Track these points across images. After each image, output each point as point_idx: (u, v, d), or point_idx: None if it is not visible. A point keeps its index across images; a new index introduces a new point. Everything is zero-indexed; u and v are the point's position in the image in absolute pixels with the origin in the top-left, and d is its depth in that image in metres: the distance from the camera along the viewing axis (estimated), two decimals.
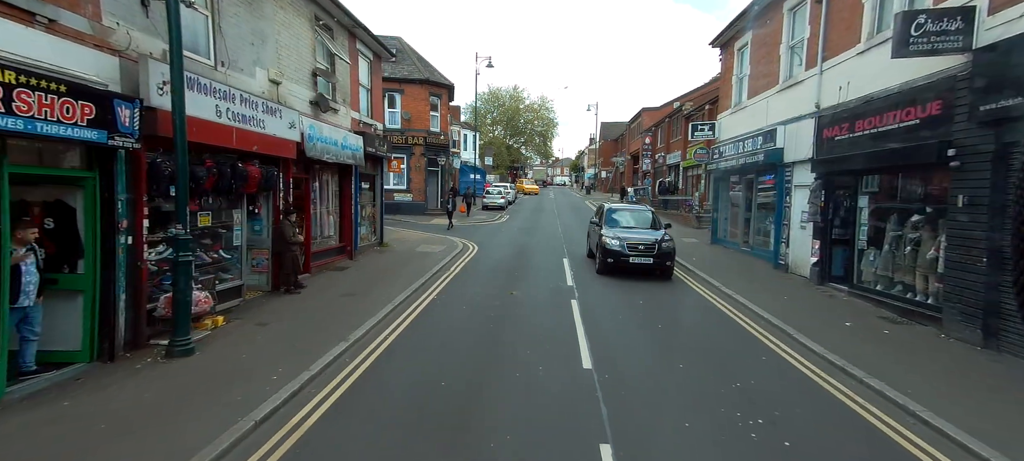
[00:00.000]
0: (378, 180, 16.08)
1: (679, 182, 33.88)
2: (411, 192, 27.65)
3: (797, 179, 12.56)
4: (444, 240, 18.45)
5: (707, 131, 18.58)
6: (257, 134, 8.48)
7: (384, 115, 26.70)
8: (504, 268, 13.59)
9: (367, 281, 11.17)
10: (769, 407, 5.50)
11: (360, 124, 14.17)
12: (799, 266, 12.47)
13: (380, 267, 12.89)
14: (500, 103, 77.01)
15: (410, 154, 27.47)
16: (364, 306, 8.98)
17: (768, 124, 13.96)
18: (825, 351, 7.08)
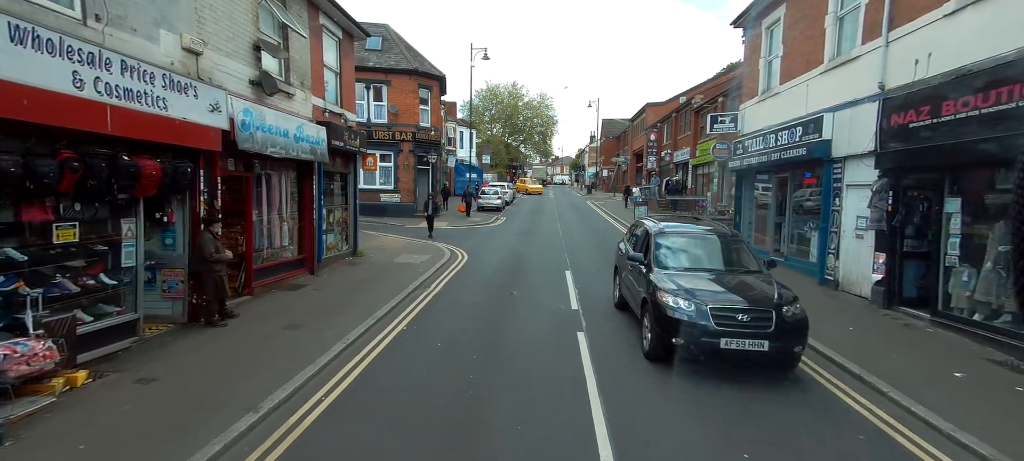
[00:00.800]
0: (351, 179, 13.87)
1: (688, 181, 31.67)
2: (399, 192, 25.44)
3: (850, 176, 10.36)
4: (429, 248, 16.23)
5: (728, 123, 16.38)
6: (154, 117, 6.27)
7: (369, 109, 24.64)
8: (495, 283, 11.38)
9: (323, 306, 8.96)
10: None
11: (326, 113, 11.96)
12: (853, 283, 10.27)
13: (345, 285, 10.68)
14: (499, 100, 74.91)
15: (397, 151, 25.26)
16: (305, 346, 6.77)
17: (808, 112, 11.77)
18: (953, 429, 4.87)
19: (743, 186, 16.20)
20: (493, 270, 13.13)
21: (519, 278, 12.20)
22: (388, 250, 15.46)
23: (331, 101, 12.55)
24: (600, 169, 70.29)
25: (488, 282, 11.62)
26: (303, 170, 11.11)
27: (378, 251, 15.18)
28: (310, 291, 9.96)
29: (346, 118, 13.28)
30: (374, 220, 23.33)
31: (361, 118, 24.56)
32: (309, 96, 11.11)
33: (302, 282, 10.62)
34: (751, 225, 16.10)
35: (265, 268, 9.76)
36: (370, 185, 25.28)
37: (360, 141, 13.58)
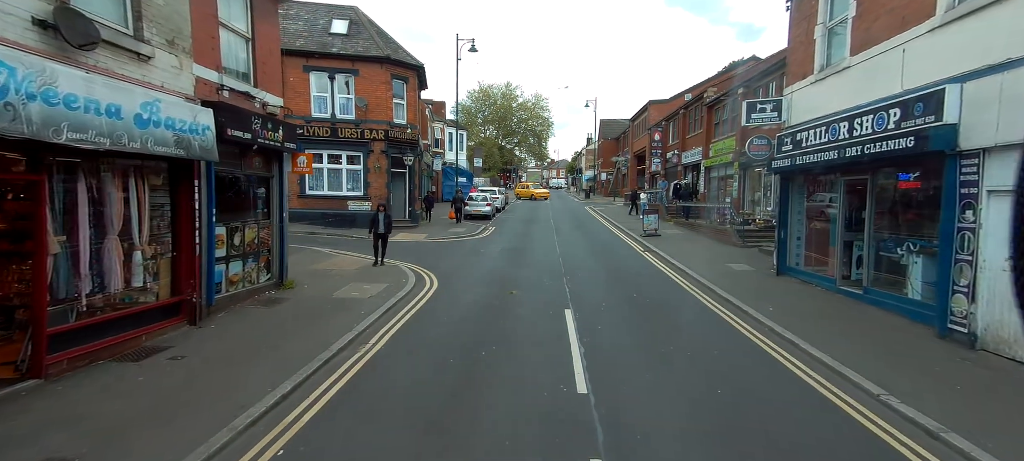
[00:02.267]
0: (276, 185, 10.29)
1: (700, 184, 28.23)
2: (369, 199, 21.86)
3: (993, 178, 6.89)
4: (389, 273, 12.65)
5: (770, 112, 12.90)
6: None
7: (333, 103, 20.90)
8: (463, 338, 7.82)
9: (169, 393, 5.40)
10: None
11: (222, 91, 8.40)
12: (1005, 340, 6.77)
13: (237, 344, 7.10)
14: (492, 101, 71.53)
15: (367, 151, 21.70)
16: None
17: (908, 88, 8.32)
18: None
19: (791, 191, 12.73)
20: (465, 310, 9.57)
21: (500, 324, 8.64)
22: (334, 277, 11.88)
23: (235, 76, 8.98)
24: (598, 172, 66.90)
25: (454, 335, 8.05)
26: (178, 172, 7.53)
27: (320, 279, 11.59)
28: (164, 362, 6.35)
29: (264, 102, 9.71)
30: (339, 233, 19.74)
31: (322, 113, 21.09)
32: (186, 63, 7.54)
33: (164, 342, 7.01)
34: (801, 241, 12.61)
35: (92, 326, 6.16)
36: (335, 191, 21.74)
37: (287, 133, 10.02)
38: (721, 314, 9.40)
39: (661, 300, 10.54)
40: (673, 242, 18.94)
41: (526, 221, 27.99)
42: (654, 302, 10.34)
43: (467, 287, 11.52)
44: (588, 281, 12.31)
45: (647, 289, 11.54)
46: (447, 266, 14.14)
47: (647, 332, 8.25)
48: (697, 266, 13.85)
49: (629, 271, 13.77)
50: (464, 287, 11.52)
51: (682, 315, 9.41)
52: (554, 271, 13.48)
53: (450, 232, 22.04)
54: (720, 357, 7.14)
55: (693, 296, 10.92)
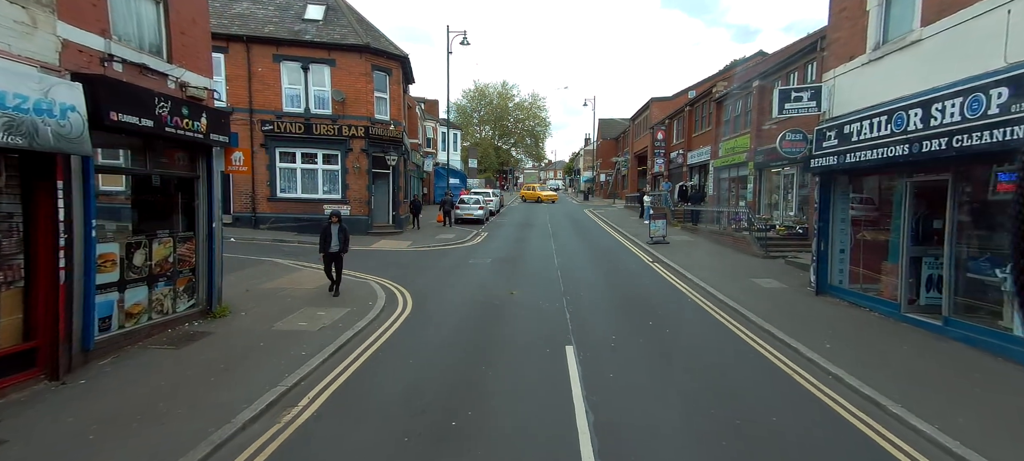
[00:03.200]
0: (201, 187, 8.18)
1: (708, 186, 26.24)
2: (348, 203, 19.78)
3: None
4: (355, 293, 10.56)
5: (807, 100, 10.87)
6: None
7: (307, 96, 18.60)
8: (432, 394, 5.76)
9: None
10: None
11: (108, 62, 6.33)
12: None
13: (96, 417, 5.01)
14: (488, 101, 69.57)
15: (346, 150, 19.62)
16: None
17: (1017, 62, 6.32)
18: None
19: (833, 194, 10.71)
20: (440, 348, 7.50)
21: (482, 372, 6.58)
22: (284, 299, 9.78)
23: (135, 46, 6.90)
24: (597, 173, 64.94)
25: (417, 391, 5.98)
26: (32, 170, 5.45)
27: (266, 302, 9.50)
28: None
29: (182, 82, 7.63)
30: (312, 241, 17.61)
31: (295, 107, 19.01)
32: (45, 20, 5.46)
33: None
34: (845, 253, 10.59)
35: None
36: (310, 193, 19.65)
37: (214, 123, 7.92)
38: (772, 357, 7.33)
39: (687, 333, 8.48)
40: (684, 251, 16.92)
41: (521, 225, 25.94)
42: (678, 336, 8.29)
43: (447, 312, 9.46)
44: (592, 303, 10.25)
45: (665, 315, 9.49)
46: (427, 282, 12.08)
47: (680, 390, 6.18)
48: (718, 282, 11.83)
49: (640, 289, 11.73)
50: (443, 312, 9.46)
51: (720, 359, 7.35)
52: (552, 289, 11.42)
53: (438, 239, 19.98)
54: (801, 443, 5.08)
55: (725, 326, 8.88)
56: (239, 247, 15.48)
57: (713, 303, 10.33)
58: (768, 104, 19.46)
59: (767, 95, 19.45)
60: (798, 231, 16.26)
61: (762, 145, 19.57)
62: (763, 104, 19.69)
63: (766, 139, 19.34)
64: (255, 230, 18.64)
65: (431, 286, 11.68)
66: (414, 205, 22.52)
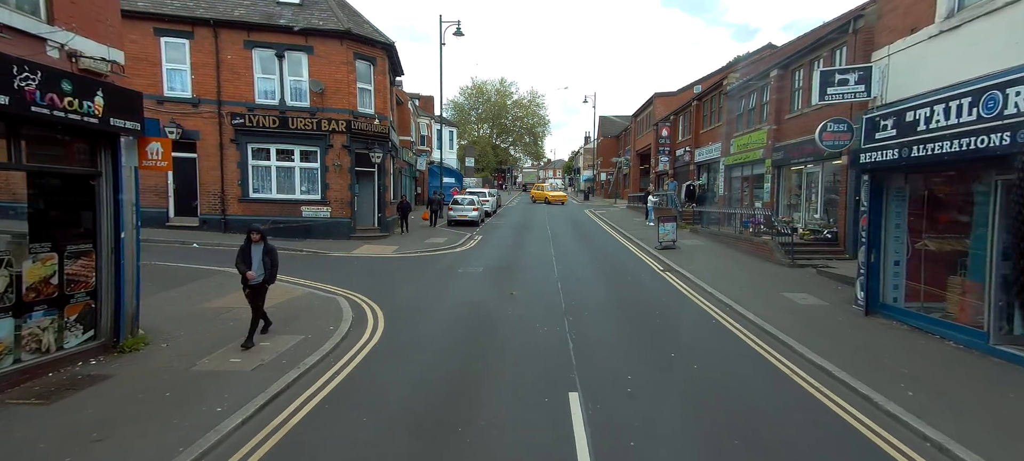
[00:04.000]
0: (104, 187, 6.43)
1: (719, 185, 24.52)
2: (328, 204, 18.06)
3: None
4: (317, 313, 8.82)
5: (854, 85, 9.17)
6: None
7: (283, 87, 16.52)
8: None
9: None
10: None
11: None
12: None
13: None
14: (486, 98, 67.84)
15: (326, 146, 17.89)
16: None
17: None
18: None
19: (886, 195, 8.99)
20: (406, 396, 5.79)
21: (457, 432, 4.87)
22: (226, 323, 8.05)
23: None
24: (597, 172, 63.25)
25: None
26: None
27: (200, 328, 7.78)
28: None
29: (73, 51, 5.89)
30: (286, 247, 15.88)
31: (269, 99, 17.32)
32: None
33: None
34: (900, 266, 8.88)
35: None
36: (286, 194, 17.93)
37: (115, 104, 6.19)
38: (841, 411, 5.60)
39: (720, 371, 6.78)
40: (697, 258, 15.22)
41: (519, 228, 24.23)
42: (710, 376, 6.57)
43: (423, 340, 7.75)
44: (600, 328, 8.54)
45: (690, 344, 7.78)
46: (407, 296, 10.37)
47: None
48: (745, 298, 10.14)
49: (653, 306, 10.02)
50: (419, 339, 7.75)
51: (774, 414, 5.63)
52: (552, 306, 9.71)
53: (427, 243, 18.28)
54: None
55: (767, 361, 7.17)
56: (198, 255, 13.76)
57: (744, 326, 8.62)
58: (788, 97, 17.78)
59: (787, 86, 17.77)
60: (826, 236, 14.56)
61: (781, 140, 17.88)
62: (782, 96, 18.00)
63: (786, 133, 17.65)
64: (224, 234, 16.91)
65: (411, 302, 9.97)
66: (402, 207, 20.71)
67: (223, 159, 17.17)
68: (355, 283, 11.43)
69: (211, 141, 17.01)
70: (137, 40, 16.15)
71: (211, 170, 17.10)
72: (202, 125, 16.93)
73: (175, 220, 17.15)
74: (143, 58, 16.27)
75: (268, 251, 7.20)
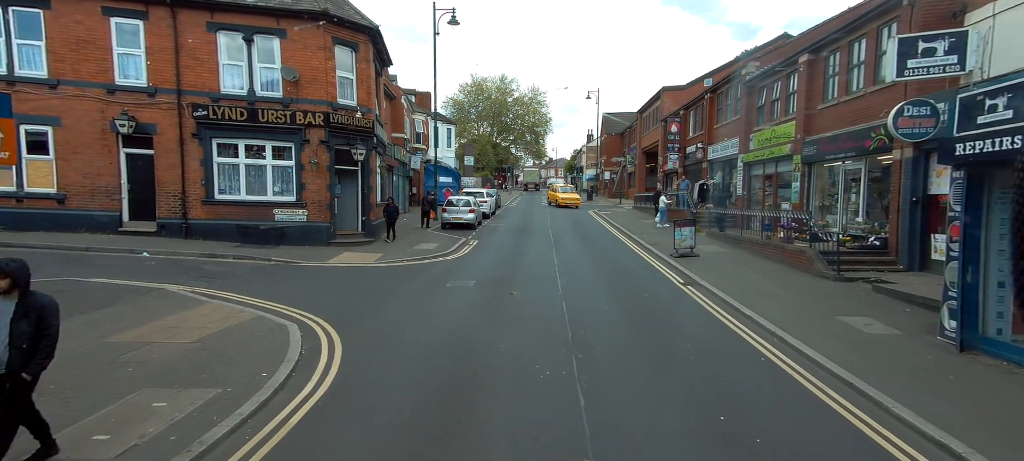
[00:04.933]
0: None
1: (736, 184, 22.52)
2: (304, 206, 16.13)
3: None
4: (259, 345, 6.84)
5: (943, 53, 7.22)
6: None
7: (252, 74, 13.99)
8: None
9: None
10: None
11: None
12: None
13: None
14: (486, 96, 65.89)
15: (301, 142, 15.96)
16: None
17: None
18: None
19: (987, 197, 6.98)
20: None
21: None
22: (123, 368, 6.03)
23: None
24: (600, 171, 61.26)
25: None
26: None
27: (94, 369, 5.82)
28: None
29: None
30: (253, 255, 13.95)
31: (236, 88, 15.54)
32: None
33: None
34: (1005, 288, 6.88)
35: None
36: (257, 195, 16.01)
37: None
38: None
39: (796, 448, 4.81)
40: (722, 269, 13.26)
41: (518, 231, 22.29)
42: (780, 454, 4.61)
43: (385, 391, 5.81)
44: (618, 370, 6.58)
45: (741, 397, 5.80)
46: (378, 322, 8.44)
47: None
48: (793, 323, 8.19)
49: (682, 337, 8.05)
50: (379, 391, 5.81)
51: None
52: (555, 337, 7.75)
53: (416, 249, 16.35)
54: None
55: (855, 428, 5.19)
56: (142, 268, 11.83)
57: (806, 368, 6.64)
58: (820, 84, 15.77)
59: (819, 72, 15.78)
60: (873, 243, 12.57)
61: (813, 133, 15.89)
62: (813, 84, 16.01)
63: (819, 125, 15.66)
64: (186, 241, 14.98)
65: (382, 329, 8.04)
66: (388, 211, 18.49)
67: (184, 156, 15.24)
68: (320, 302, 9.50)
69: (170, 136, 15.08)
70: (83, 21, 14.25)
71: (170, 168, 15.17)
72: (160, 118, 15.00)
73: (130, 225, 15.22)
74: (90, 41, 14.36)
75: (29, 310, 3.81)
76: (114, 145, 14.84)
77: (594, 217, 29.10)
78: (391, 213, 18.19)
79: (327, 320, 8.44)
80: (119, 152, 14.96)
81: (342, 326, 8.13)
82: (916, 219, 11.27)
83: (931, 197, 11.09)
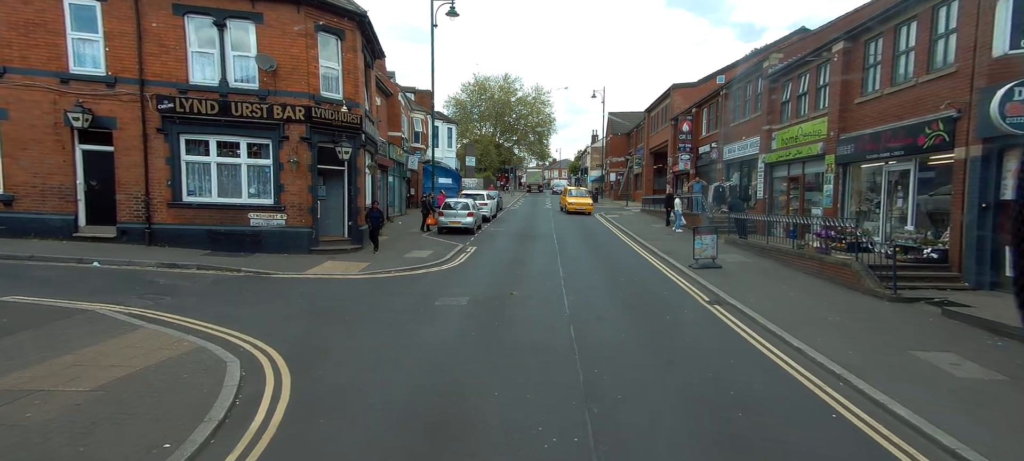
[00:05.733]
0: None
1: (757, 186, 20.84)
2: (283, 210, 14.55)
3: None
4: (173, 395, 5.23)
5: None
6: None
7: (224, 63, 12.38)
8: None
9: None
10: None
11: None
12: None
13: None
14: (489, 96, 64.30)
15: (279, 139, 14.39)
16: None
17: None
18: None
19: None
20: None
21: None
22: None
23: None
24: (606, 172, 59.60)
25: None
26: None
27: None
28: None
29: None
30: (221, 265, 12.35)
31: (207, 79, 14.07)
32: None
33: None
34: None
35: None
36: (230, 197, 14.44)
37: None
38: None
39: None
40: (751, 283, 11.62)
41: (520, 236, 20.67)
42: None
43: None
44: (648, 435, 4.95)
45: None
46: (348, 354, 6.85)
47: None
48: (857, 361, 6.55)
49: (724, 382, 6.37)
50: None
51: None
52: (564, 379, 6.12)
53: (406, 258, 14.74)
54: None
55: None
56: (84, 282, 10.24)
57: (898, 432, 4.99)
58: (858, 76, 14.07)
59: (857, 62, 14.09)
60: (930, 256, 10.87)
61: (849, 130, 14.21)
62: (850, 76, 14.32)
63: (856, 122, 13.98)
64: (148, 249, 13.43)
65: (347, 367, 6.43)
66: (372, 216, 16.10)
67: (148, 153, 13.69)
68: (282, 327, 7.92)
69: (132, 130, 13.53)
70: (32, 1, 12.72)
71: (132, 167, 13.62)
72: (120, 111, 13.45)
73: (87, 230, 13.67)
74: (40, 25, 12.83)
75: None
76: (68, 141, 13.29)
77: (601, 221, 27.44)
78: (374, 219, 16.00)
79: (283, 352, 6.85)
80: (74, 149, 13.41)
81: (299, 362, 6.53)
82: (986, 229, 9.58)
83: (1004, 202, 9.41)
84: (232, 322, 8.06)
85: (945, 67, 10.84)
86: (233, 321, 8.11)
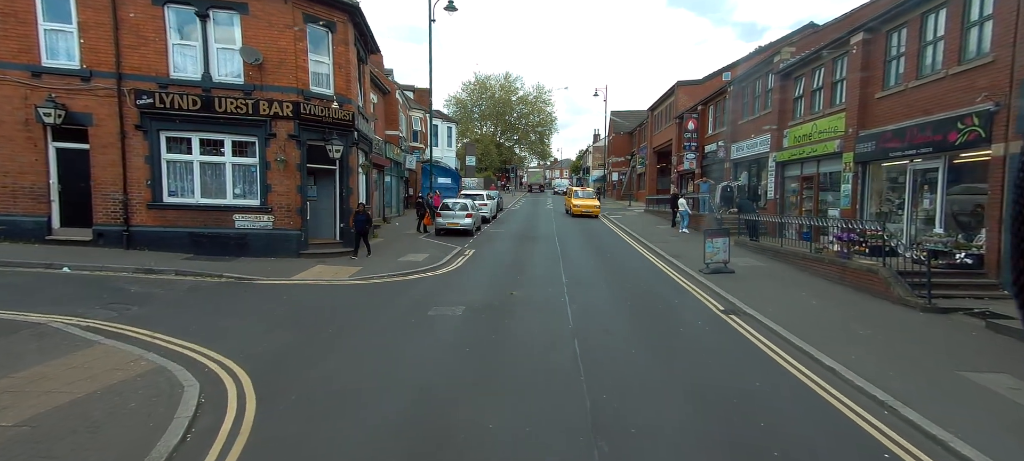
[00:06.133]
0: None
1: (768, 187, 20.01)
2: (270, 211, 13.77)
3: None
4: (129, 417, 4.43)
5: None
6: None
7: (207, 57, 11.34)
8: None
9: None
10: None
11: None
12: None
13: None
14: (490, 94, 63.53)
15: (266, 136, 13.61)
16: None
17: None
18: None
19: None
20: None
21: None
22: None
23: None
24: (608, 172, 58.77)
25: None
26: None
27: None
28: None
29: None
30: (200, 271, 11.58)
31: (189, 73, 13.28)
32: None
33: None
34: None
35: None
36: (214, 198, 13.68)
37: None
38: None
39: None
40: (767, 290, 10.81)
41: (520, 238, 19.88)
42: None
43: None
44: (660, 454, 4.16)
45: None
46: (325, 376, 6.07)
47: None
48: (898, 383, 5.77)
49: (752, 413, 5.57)
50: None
51: None
52: (568, 406, 5.33)
53: (401, 262, 13.97)
54: None
55: None
56: (46, 290, 9.46)
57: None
58: (880, 69, 13.26)
59: (878, 54, 13.27)
60: (963, 261, 10.04)
61: (869, 127, 13.40)
62: (870, 69, 13.50)
63: (877, 117, 13.17)
64: (126, 252, 12.66)
65: (322, 392, 5.64)
66: (358, 220, 14.52)
67: (126, 151, 12.92)
68: (255, 342, 7.15)
69: (109, 127, 12.76)
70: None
71: (109, 166, 12.85)
72: (96, 106, 12.69)
73: (61, 232, 12.91)
74: (10, 14, 12.07)
75: None
76: (41, 138, 12.53)
77: (604, 222, 26.64)
78: (360, 223, 14.53)
79: (253, 373, 6.07)
80: (47, 146, 12.65)
81: (269, 386, 5.75)
82: None
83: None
84: (202, 337, 7.28)
85: (979, 57, 10.03)
86: (203, 335, 7.33)
